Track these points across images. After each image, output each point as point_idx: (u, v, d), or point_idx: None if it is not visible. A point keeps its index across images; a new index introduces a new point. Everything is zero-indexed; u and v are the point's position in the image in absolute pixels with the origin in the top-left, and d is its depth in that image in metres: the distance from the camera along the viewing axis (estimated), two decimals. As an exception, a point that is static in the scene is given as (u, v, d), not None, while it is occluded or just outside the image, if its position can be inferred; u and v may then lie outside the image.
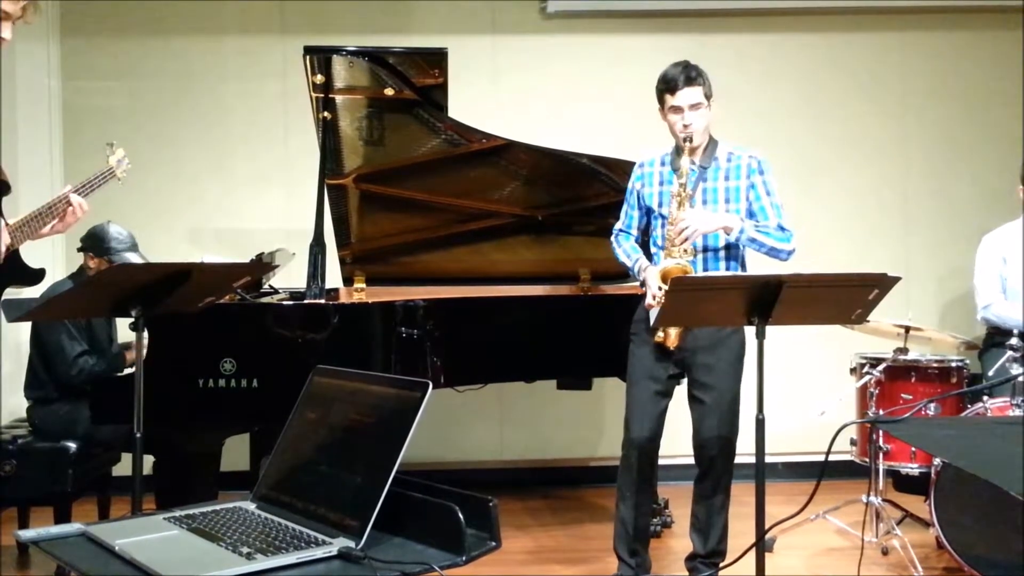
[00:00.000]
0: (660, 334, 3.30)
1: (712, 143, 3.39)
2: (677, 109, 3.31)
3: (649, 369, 3.38)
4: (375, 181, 4.27)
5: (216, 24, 5.19)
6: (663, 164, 3.44)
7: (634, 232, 3.54)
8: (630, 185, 3.53)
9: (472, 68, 5.06)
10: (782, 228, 3.34)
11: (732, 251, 3.37)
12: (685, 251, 3.26)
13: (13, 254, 3.01)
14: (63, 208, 3.03)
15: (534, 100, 5.22)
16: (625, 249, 3.52)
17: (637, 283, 3.48)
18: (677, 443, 3.81)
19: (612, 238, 3.57)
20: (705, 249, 3.35)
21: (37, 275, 3.15)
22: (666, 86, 3.33)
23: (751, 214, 3.37)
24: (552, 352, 4.07)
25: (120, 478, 4.04)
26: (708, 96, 3.33)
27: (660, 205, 3.40)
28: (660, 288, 3.20)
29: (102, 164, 3.24)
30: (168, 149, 5.02)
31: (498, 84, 5.25)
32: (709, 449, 3.36)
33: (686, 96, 3.29)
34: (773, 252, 3.33)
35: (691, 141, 3.27)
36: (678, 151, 3.38)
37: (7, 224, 2.98)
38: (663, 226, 3.38)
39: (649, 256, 3.48)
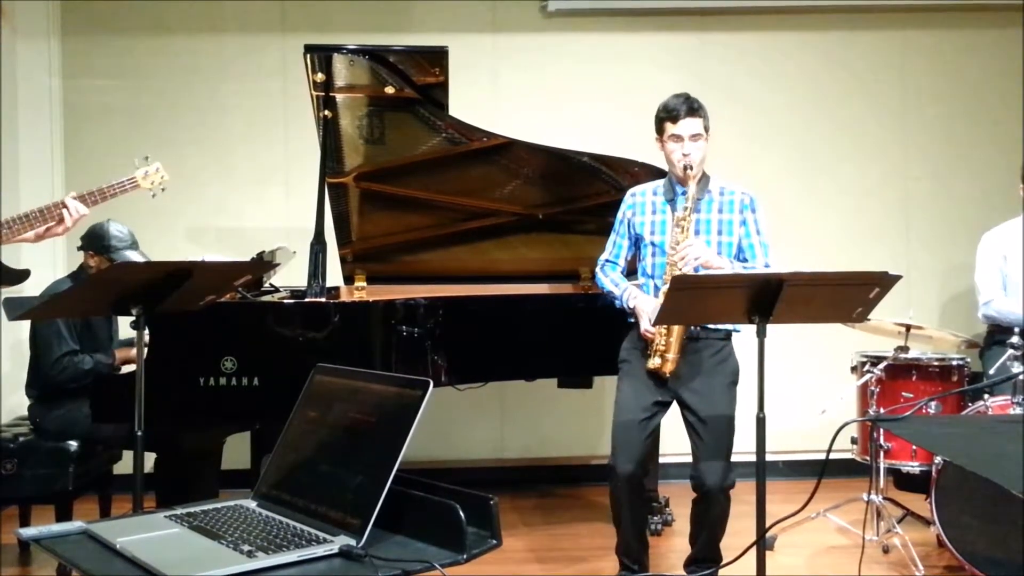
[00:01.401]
0: (657, 360, 3.30)
1: (704, 177, 3.43)
2: (678, 138, 3.34)
3: (638, 400, 3.36)
4: (376, 179, 4.27)
5: (217, 23, 5.19)
6: (655, 194, 3.47)
7: (621, 263, 3.54)
8: (620, 214, 3.54)
9: (473, 67, 5.06)
10: (768, 268, 3.40)
11: None
12: None
13: None
14: (57, 213, 3.02)
15: (535, 98, 5.22)
16: (612, 279, 3.51)
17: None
18: (677, 442, 3.80)
19: (598, 269, 3.57)
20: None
21: (18, 275, 3.13)
22: (668, 114, 3.37)
23: (739, 249, 3.42)
24: (553, 351, 4.07)
25: (121, 476, 4.04)
26: (707, 129, 3.38)
27: (652, 233, 3.42)
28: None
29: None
30: (169, 148, 4.99)
31: (498, 83, 5.25)
32: (707, 479, 3.32)
33: (688, 126, 3.33)
34: None
35: (691, 169, 3.30)
36: (671, 181, 3.42)
37: None
38: (654, 255, 3.41)
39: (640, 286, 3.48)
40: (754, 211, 3.42)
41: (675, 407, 3.43)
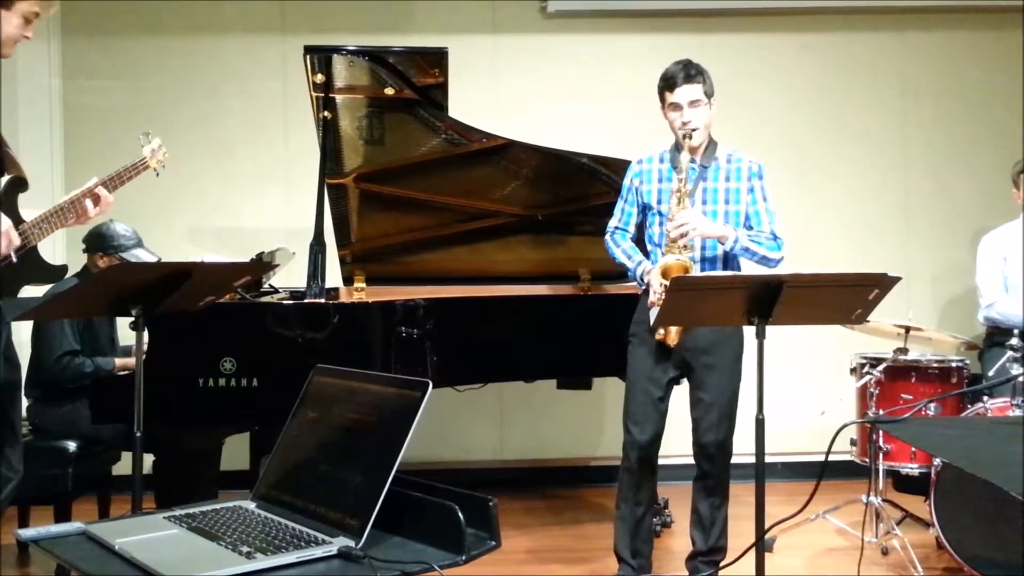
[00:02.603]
0: (661, 331, 3.30)
1: (712, 144, 3.41)
2: (676, 106, 3.33)
3: (649, 372, 3.38)
4: (375, 180, 4.27)
5: (217, 23, 5.19)
6: (662, 161, 3.46)
7: (630, 230, 3.53)
8: (627, 182, 3.52)
9: (472, 68, 5.06)
10: (774, 236, 3.39)
11: (730, 260, 3.40)
12: (684, 248, 3.27)
13: (32, 251, 3.00)
14: (85, 202, 3.02)
15: (534, 100, 5.22)
16: (624, 249, 3.50)
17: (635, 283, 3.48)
18: (677, 443, 3.81)
19: (608, 236, 3.56)
20: (703, 259, 3.36)
21: (58, 272, 3.14)
22: (666, 83, 3.37)
23: (746, 217, 3.41)
24: (552, 352, 4.07)
25: (120, 477, 4.04)
26: (709, 95, 3.36)
27: (659, 202, 3.42)
28: (662, 285, 3.22)
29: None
30: (168, 148, 4.94)
31: (498, 84, 5.25)
32: (708, 447, 3.38)
33: (685, 93, 3.31)
34: (764, 260, 3.37)
35: (691, 138, 3.29)
36: (677, 149, 3.40)
37: (24, 221, 2.98)
38: (661, 223, 3.40)
39: (646, 254, 3.48)
40: (761, 178, 3.42)
41: (679, 396, 3.43)
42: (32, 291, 3.81)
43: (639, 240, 3.54)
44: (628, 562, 3.47)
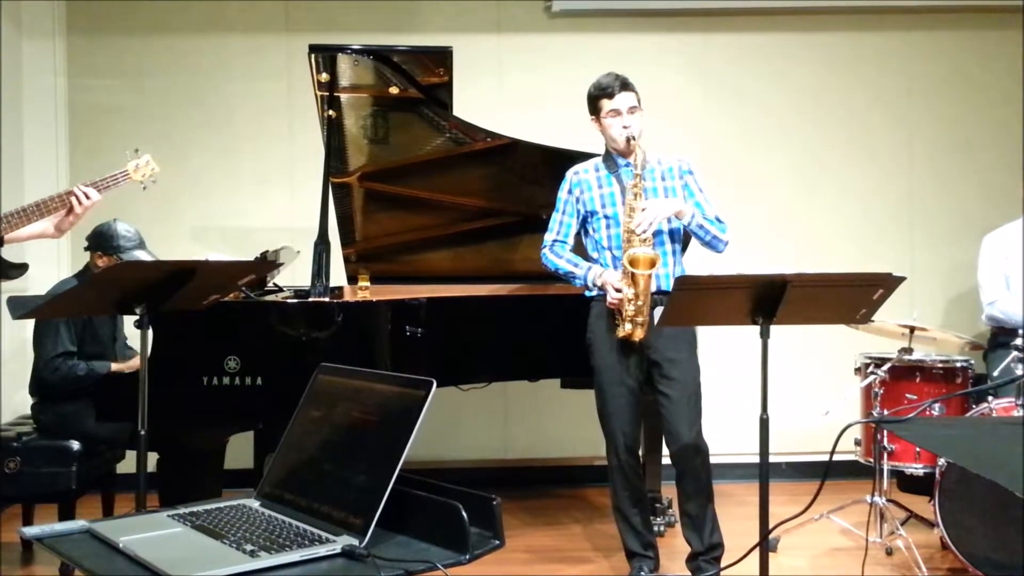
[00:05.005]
0: (628, 327, 3.33)
1: (640, 150, 3.46)
2: (616, 112, 3.44)
3: (614, 370, 3.44)
4: (380, 179, 4.27)
5: (221, 23, 5.19)
6: (597, 169, 3.54)
7: (569, 242, 3.59)
8: (563, 195, 3.58)
9: (477, 67, 5.06)
10: (719, 219, 3.48)
11: (675, 235, 3.48)
12: (644, 240, 3.32)
13: None
14: (62, 203, 3.03)
15: (539, 99, 5.22)
16: (567, 258, 3.55)
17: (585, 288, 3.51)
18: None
19: (547, 250, 3.59)
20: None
21: (15, 269, 3.14)
22: (603, 92, 3.49)
23: None
24: (556, 351, 4.06)
25: (124, 475, 4.04)
26: (640, 103, 3.48)
27: (603, 206, 3.48)
28: (622, 278, 3.32)
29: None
30: (173, 147, 5.02)
31: (503, 83, 5.25)
32: (684, 444, 3.40)
33: (624, 100, 3.44)
34: (714, 241, 3.46)
35: (635, 139, 3.37)
36: (611, 157, 3.50)
37: None
38: (608, 227, 3.47)
39: (591, 262, 3.53)
40: (692, 174, 3.54)
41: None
42: (35, 290, 3.83)
43: (577, 251, 3.60)
44: (643, 555, 3.49)
